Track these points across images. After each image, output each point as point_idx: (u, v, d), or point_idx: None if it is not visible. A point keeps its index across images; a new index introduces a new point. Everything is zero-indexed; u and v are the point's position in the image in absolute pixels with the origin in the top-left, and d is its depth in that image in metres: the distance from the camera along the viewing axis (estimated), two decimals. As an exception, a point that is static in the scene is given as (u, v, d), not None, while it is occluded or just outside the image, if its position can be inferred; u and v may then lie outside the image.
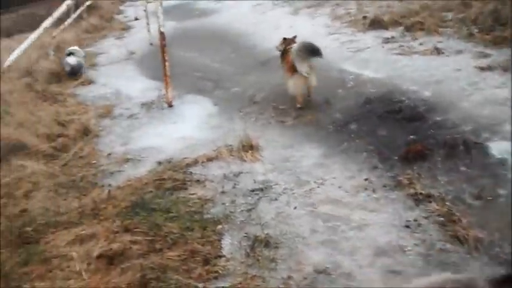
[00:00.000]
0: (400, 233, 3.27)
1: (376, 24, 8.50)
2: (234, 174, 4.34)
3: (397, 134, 4.65)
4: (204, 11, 16.35)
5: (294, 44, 5.95)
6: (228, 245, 3.37)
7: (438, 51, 6.64)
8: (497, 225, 3.25)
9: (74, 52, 9.23)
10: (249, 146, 4.69)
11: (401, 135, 4.60)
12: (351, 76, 6.39)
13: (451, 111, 4.86)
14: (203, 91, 7.10)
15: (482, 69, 5.82)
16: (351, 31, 8.71)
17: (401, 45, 7.24)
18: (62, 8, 6.37)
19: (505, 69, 5.65)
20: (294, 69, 5.63)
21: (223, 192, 4.08)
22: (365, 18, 9.08)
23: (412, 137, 4.54)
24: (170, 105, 6.50)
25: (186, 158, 4.81)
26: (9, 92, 7.87)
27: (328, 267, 3.02)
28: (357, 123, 5.05)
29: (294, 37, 6.25)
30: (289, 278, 2.99)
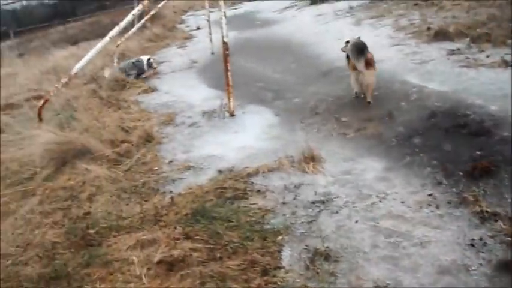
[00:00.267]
0: (464, 251, 3.19)
1: (441, 35, 8.35)
2: (294, 186, 4.36)
3: (463, 149, 4.53)
4: (265, 21, 16.52)
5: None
6: (287, 256, 3.38)
7: (506, 64, 6.43)
8: None
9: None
10: (311, 158, 4.71)
11: (466, 151, 4.48)
12: (415, 89, 6.30)
13: (519, 127, 4.71)
14: (264, 101, 7.19)
15: (552, 82, 5.60)
16: (415, 42, 8.59)
17: (467, 58, 7.07)
18: (129, 18, 6.60)
19: None
20: (354, 67, 6.16)
21: (284, 203, 4.10)
22: (429, 29, 8.95)
23: (478, 152, 4.41)
24: (232, 115, 6.62)
25: (247, 167, 4.87)
26: (75, 98, 8.26)
27: (388, 284, 2.99)
28: (420, 137, 4.97)
29: (358, 38, 6.37)
30: (349, 292, 2.99)
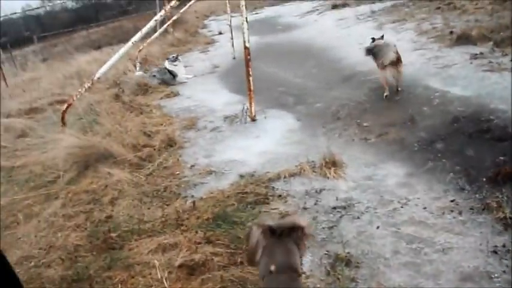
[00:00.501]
0: (487, 258, 3.14)
1: (463, 39, 8.26)
2: (316, 191, 4.36)
3: (486, 155, 4.47)
4: (287, 25, 16.56)
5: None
6: (308, 261, 3.37)
7: (530, 68, 6.35)
8: None
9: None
10: (332, 163, 4.70)
11: (490, 156, 4.42)
12: (437, 93, 6.25)
13: (544, 132, 4.64)
14: (286, 106, 7.20)
15: None
16: (437, 46, 8.52)
17: (490, 62, 6.97)
18: (151, 23, 6.68)
19: None
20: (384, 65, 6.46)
21: (305, 208, 4.10)
22: (452, 33, 8.87)
23: (501, 158, 4.35)
24: (253, 120, 6.65)
25: (269, 172, 4.89)
26: (98, 102, 8.37)
27: (410, 290, 2.98)
28: (443, 143, 4.92)
29: (382, 37, 6.81)
30: (370, 298, 2.98)
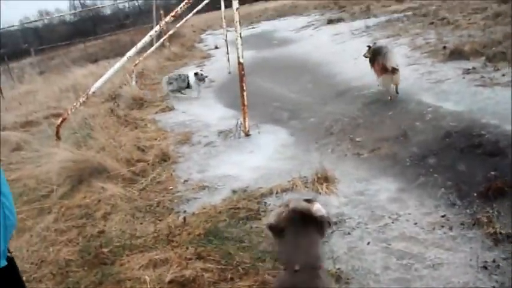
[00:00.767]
0: (477, 274, 3.16)
1: (456, 54, 8.34)
2: (308, 207, 4.36)
3: (477, 170, 4.49)
4: (283, 40, 16.65)
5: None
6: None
7: (522, 83, 6.40)
8: None
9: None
10: (324, 178, 4.72)
11: (481, 171, 4.45)
12: (430, 108, 6.28)
13: (535, 147, 4.67)
14: (280, 121, 7.24)
15: None
16: (431, 61, 8.59)
17: (482, 77, 7.03)
18: (146, 39, 6.73)
19: None
20: (383, 70, 6.94)
21: (296, 224, 4.10)
22: (445, 48, 8.94)
23: (492, 173, 4.37)
24: (247, 135, 6.68)
25: (261, 187, 4.91)
26: (93, 117, 8.38)
27: (400, 306, 2.99)
28: (435, 158, 4.95)
29: (374, 44, 7.59)
30: (360, 315, 2.99)
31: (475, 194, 4.10)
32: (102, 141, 6.56)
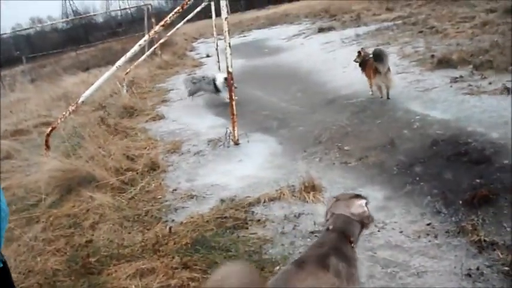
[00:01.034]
0: (461, 281, 3.18)
1: (444, 63, 8.45)
2: (294, 215, 4.39)
3: (463, 178, 4.54)
4: (273, 48, 16.72)
5: (370, 55, 7.71)
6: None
7: (508, 91, 6.47)
8: None
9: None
10: (311, 187, 4.75)
11: (467, 179, 4.50)
12: (417, 117, 6.35)
13: (519, 154, 4.72)
14: (269, 130, 7.27)
15: (554, 109, 5.62)
16: (419, 70, 8.68)
17: (469, 85, 7.13)
18: (135, 48, 6.76)
19: None
20: (375, 73, 7.31)
21: (283, 233, 4.13)
22: (433, 56, 9.04)
23: (478, 180, 4.42)
24: (236, 143, 6.70)
25: (249, 196, 4.92)
26: (83, 125, 8.37)
27: (384, 315, 3.01)
28: (421, 166, 4.99)
29: (362, 49, 8.15)
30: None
31: (461, 202, 4.14)
32: (91, 150, 6.55)
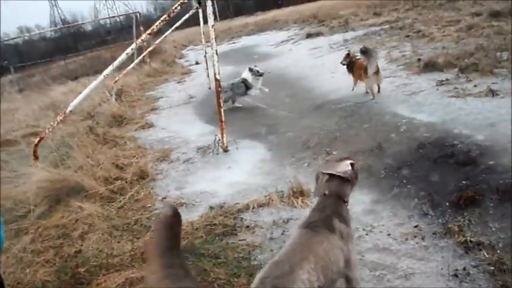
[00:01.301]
0: (448, 282, 3.22)
1: (430, 66, 8.54)
2: (283, 221, 4.41)
3: (449, 179, 4.59)
4: (262, 55, 16.76)
5: (357, 57, 8.24)
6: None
7: (493, 93, 6.56)
8: (549, 274, 3.15)
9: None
10: (300, 192, 4.77)
11: (453, 181, 4.54)
12: (404, 120, 6.40)
13: (504, 156, 4.75)
14: (258, 136, 7.29)
15: (539, 110, 5.68)
16: (406, 74, 8.77)
17: (455, 88, 7.21)
18: (122, 57, 6.77)
19: None
20: (366, 73, 7.67)
21: (271, 238, 4.14)
22: (420, 60, 9.13)
23: (464, 182, 4.47)
24: (225, 150, 6.71)
25: (238, 203, 4.93)
26: (71, 135, 8.35)
27: (372, 317, 3.03)
28: (409, 169, 5.03)
29: (348, 51, 8.53)
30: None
31: (447, 204, 4.18)
32: (80, 160, 6.53)
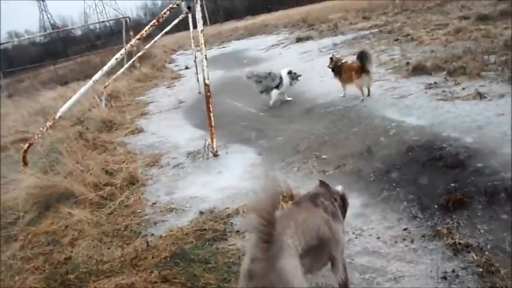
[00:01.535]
0: (437, 284, 3.23)
1: (419, 69, 8.61)
2: (273, 225, 4.41)
3: (438, 182, 4.62)
4: (252, 59, 16.79)
5: (343, 60, 8.64)
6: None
7: (480, 96, 6.63)
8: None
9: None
10: (290, 197, 4.77)
11: (442, 183, 4.58)
12: (393, 123, 6.45)
13: (492, 158, 4.81)
14: (248, 140, 7.31)
15: (526, 113, 5.73)
16: (395, 77, 8.83)
17: (443, 91, 7.28)
18: (112, 62, 6.77)
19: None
20: (359, 73, 7.88)
21: (261, 242, 4.14)
22: (408, 64, 9.19)
23: (452, 184, 4.50)
24: (215, 155, 6.72)
25: (228, 208, 4.94)
26: (61, 141, 8.31)
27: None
28: (398, 172, 5.06)
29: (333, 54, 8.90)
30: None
31: (436, 206, 4.21)
32: (69, 165, 6.50)
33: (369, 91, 8.12)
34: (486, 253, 3.45)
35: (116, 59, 6.81)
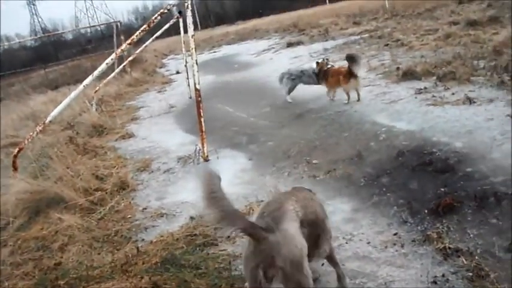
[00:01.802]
0: (427, 289, 3.27)
1: (409, 75, 8.66)
2: (264, 230, 4.41)
3: (428, 187, 4.64)
4: (243, 64, 16.80)
5: (329, 65, 8.63)
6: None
7: (470, 101, 6.67)
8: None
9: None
10: (279, 202, 4.78)
11: (432, 188, 4.59)
12: (384, 128, 6.46)
13: (482, 162, 4.84)
14: (239, 145, 7.30)
15: (515, 117, 5.78)
16: (385, 83, 8.87)
17: (433, 96, 7.32)
18: (102, 67, 6.76)
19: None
20: (347, 78, 7.96)
21: (252, 248, 4.14)
22: (398, 69, 9.25)
23: (442, 189, 4.53)
24: (206, 160, 6.71)
25: (218, 213, 4.92)
26: (51, 146, 8.27)
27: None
28: (388, 177, 5.08)
29: (326, 59, 8.90)
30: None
31: (426, 211, 4.22)
32: (59, 170, 6.47)
33: (358, 96, 8.12)
34: (476, 257, 3.45)
35: (107, 64, 6.80)
